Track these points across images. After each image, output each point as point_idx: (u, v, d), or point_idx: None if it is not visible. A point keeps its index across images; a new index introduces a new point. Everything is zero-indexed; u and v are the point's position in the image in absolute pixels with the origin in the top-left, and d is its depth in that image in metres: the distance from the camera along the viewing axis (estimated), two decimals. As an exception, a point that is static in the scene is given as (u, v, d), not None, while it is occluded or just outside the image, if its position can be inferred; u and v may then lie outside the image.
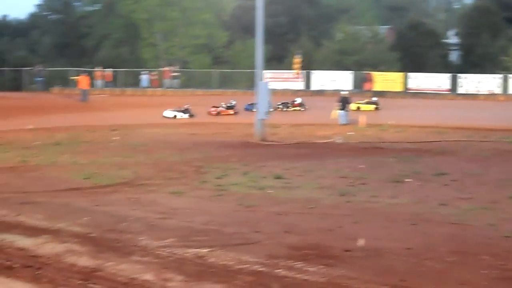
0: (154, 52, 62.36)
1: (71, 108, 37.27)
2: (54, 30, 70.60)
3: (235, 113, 36.07)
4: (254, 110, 37.08)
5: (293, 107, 38.98)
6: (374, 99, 40.84)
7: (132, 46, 63.42)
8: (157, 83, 53.06)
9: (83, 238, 10.42)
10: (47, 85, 50.38)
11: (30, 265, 9.12)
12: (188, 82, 55.09)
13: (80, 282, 8.45)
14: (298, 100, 39.55)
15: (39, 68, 50.95)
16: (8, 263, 9.26)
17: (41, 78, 50.55)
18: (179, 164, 18.83)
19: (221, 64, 61.34)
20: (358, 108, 38.17)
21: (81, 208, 12.66)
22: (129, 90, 50.80)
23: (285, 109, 38.43)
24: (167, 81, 52.73)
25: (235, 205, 13.03)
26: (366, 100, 39.33)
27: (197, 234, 10.58)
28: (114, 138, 25.63)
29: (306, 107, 39.26)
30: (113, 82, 52.22)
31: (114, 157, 20.37)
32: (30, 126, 28.67)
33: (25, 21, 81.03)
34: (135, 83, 53.41)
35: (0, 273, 8.90)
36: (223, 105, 36.32)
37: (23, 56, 60.83)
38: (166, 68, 54.01)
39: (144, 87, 52.31)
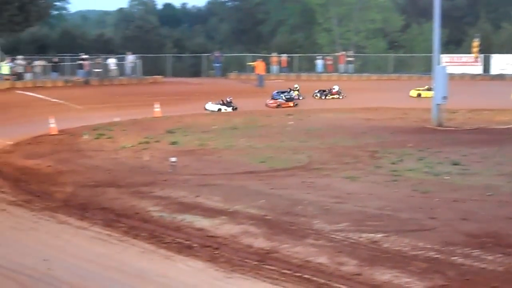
0: (329, 37, 62.21)
1: (248, 93, 37.91)
2: (231, 17, 72.20)
3: (295, 105, 34.71)
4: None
5: (331, 95, 37.53)
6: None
7: (308, 32, 63.65)
8: (332, 68, 52.96)
9: (258, 220, 10.65)
10: (224, 71, 51.41)
11: (208, 245, 9.45)
12: (364, 67, 54.67)
13: (256, 263, 8.66)
14: (336, 88, 37.90)
15: (217, 54, 52.11)
16: (188, 242, 9.63)
17: (218, 64, 51.64)
18: (354, 149, 18.80)
19: (396, 49, 60.44)
20: (419, 94, 36.56)
21: (257, 191, 12.94)
22: (304, 75, 50.94)
23: (323, 98, 37.21)
24: (342, 66, 52.52)
25: (410, 191, 12.90)
26: (427, 87, 37.39)
27: (371, 219, 10.56)
28: (289, 122, 25.90)
29: (344, 95, 37.66)
30: (289, 68, 52.56)
31: (289, 142, 20.63)
32: (209, 111, 29.45)
33: (203, 8, 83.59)
34: (310, 68, 53.51)
35: (180, 251, 9.28)
36: (283, 97, 35.11)
37: (202, 43, 62.73)
38: (341, 53, 53.84)
39: (319, 72, 52.38)
